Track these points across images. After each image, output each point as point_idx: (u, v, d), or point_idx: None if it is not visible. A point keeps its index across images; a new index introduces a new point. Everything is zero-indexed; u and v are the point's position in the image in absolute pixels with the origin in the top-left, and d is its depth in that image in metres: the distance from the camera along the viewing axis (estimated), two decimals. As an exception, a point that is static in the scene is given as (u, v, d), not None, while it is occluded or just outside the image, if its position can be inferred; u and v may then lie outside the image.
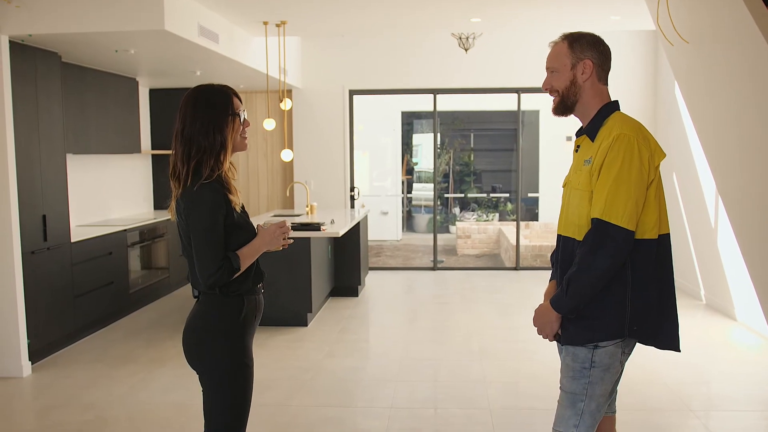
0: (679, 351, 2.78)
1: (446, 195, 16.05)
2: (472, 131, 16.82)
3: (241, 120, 3.00)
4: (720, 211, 7.90)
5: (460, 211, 15.77)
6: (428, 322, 7.69)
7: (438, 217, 15.46)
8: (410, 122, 16.55)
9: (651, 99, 10.20)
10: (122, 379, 5.79)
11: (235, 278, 2.91)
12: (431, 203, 12.26)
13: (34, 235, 6.09)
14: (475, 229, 13.30)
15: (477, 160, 16.69)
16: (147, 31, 5.75)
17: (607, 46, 2.85)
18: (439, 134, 15.62)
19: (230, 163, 3.05)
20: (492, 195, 15.75)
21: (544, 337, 2.85)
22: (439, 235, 11.38)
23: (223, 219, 2.87)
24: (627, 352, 2.76)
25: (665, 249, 2.73)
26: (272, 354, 6.43)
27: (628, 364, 2.88)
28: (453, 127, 16.39)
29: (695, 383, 5.64)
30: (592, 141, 2.76)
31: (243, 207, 3.08)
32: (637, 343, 2.79)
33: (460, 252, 13.16)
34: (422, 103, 14.36)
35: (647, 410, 5.04)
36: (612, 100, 2.84)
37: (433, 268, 10.94)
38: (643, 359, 5.95)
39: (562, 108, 2.85)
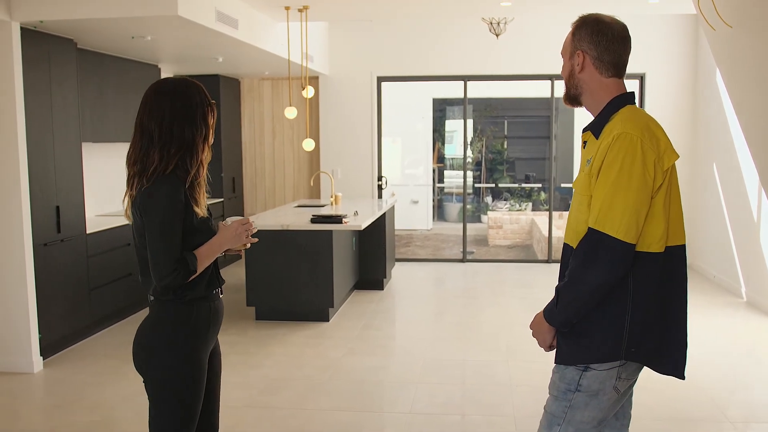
0: (683, 378, 2.50)
1: (476, 185, 15.71)
2: (506, 118, 16.45)
3: (214, 114, 2.81)
4: (763, 204, 7.53)
5: (492, 200, 15.44)
6: (454, 318, 7.43)
7: (469, 206, 15.18)
8: (443, 109, 16.22)
9: (691, 87, 9.80)
10: (135, 376, 5.56)
11: (188, 282, 2.69)
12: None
13: (47, 227, 5.93)
14: (507, 219, 12.99)
15: (510, 148, 16.33)
16: (160, 16, 5.54)
17: (614, 35, 2.47)
18: (471, 121, 15.34)
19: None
20: (524, 184, 15.38)
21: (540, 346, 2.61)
22: (470, 225, 11.10)
23: (181, 218, 2.66)
24: (625, 377, 2.46)
25: (675, 263, 2.42)
26: (290, 351, 6.22)
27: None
28: (485, 114, 16.04)
29: (733, 389, 5.31)
30: (597, 138, 2.45)
31: (208, 211, 2.88)
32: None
33: (491, 242, 12.87)
34: (454, 90, 14.05)
35: (680, 419, 4.74)
36: (625, 92, 2.50)
37: (462, 260, 10.66)
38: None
39: (568, 99, 2.58)
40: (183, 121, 2.68)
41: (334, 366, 5.83)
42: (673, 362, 2.47)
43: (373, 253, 8.56)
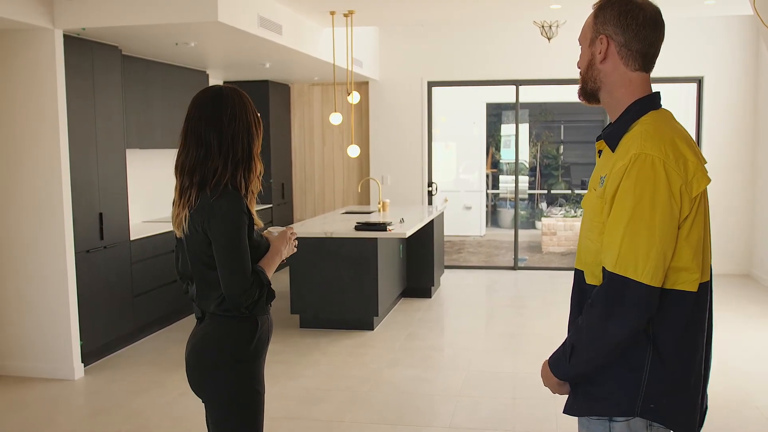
0: None
1: (528, 191, 15.44)
2: (562, 123, 16.17)
3: (261, 127, 2.76)
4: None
5: (547, 206, 15.17)
6: (502, 328, 7.25)
7: (523, 212, 14.93)
8: (498, 113, 16.00)
9: (752, 90, 9.43)
10: (173, 384, 5.58)
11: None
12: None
13: (89, 234, 5.95)
14: (561, 226, 12.71)
15: (566, 153, 16.03)
16: (201, 23, 5.51)
17: (645, 18, 2.01)
18: (527, 126, 15.10)
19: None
20: (578, 191, 15.07)
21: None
22: (524, 231, 10.87)
23: (246, 232, 2.59)
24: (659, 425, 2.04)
25: (704, 302, 2.02)
26: (332, 361, 6.13)
27: (714, 382, 2.23)
28: (540, 119, 15.77)
29: (793, 409, 5.05)
30: (613, 151, 2.03)
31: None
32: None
33: (545, 249, 12.61)
34: (507, 95, 13.88)
35: (735, 441, 4.51)
36: (651, 92, 2.06)
37: (514, 268, 10.45)
38: (732, 377, 5.40)
39: (585, 94, 2.15)
40: (242, 131, 2.61)
41: (375, 377, 5.72)
42: (693, 420, 2.05)
43: (421, 261, 8.43)
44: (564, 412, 2.16)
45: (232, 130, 2.59)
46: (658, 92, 2.08)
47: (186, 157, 2.61)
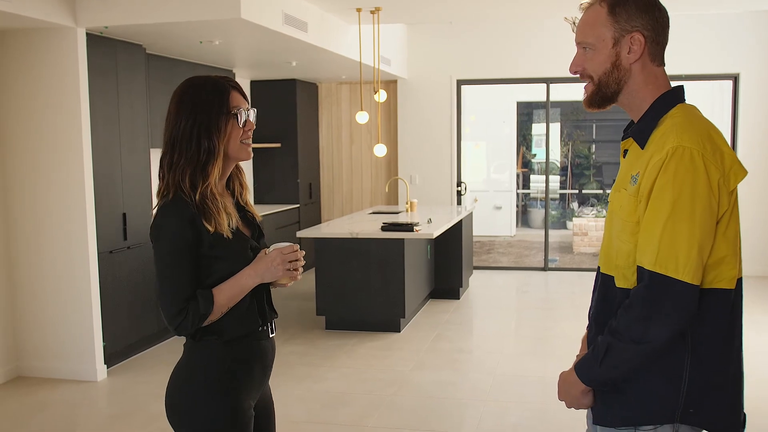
0: None
1: (560, 191, 15.23)
2: (594, 122, 15.93)
3: (241, 121, 2.28)
4: None
5: (579, 206, 14.96)
6: (530, 331, 7.11)
7: (555, 212, 14.73)
8: (529, 112, 15.81)
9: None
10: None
11: (219, 320, 2.24)
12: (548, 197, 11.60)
13: (113, 235, 5.90)
14: (592, 226, 12.50)
15: (599, 152, 15.79)
16: (224, 20, 5.43)
17: (664, 10, 1.95)
18: (558, 125, 14.90)
19: (238, 175, 2.43)
20: (609, 191, 14.85)
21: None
22: (555, 231, 10.69)
23: (192, 248, 2.21)
24: None
25: (740, 299, 1.92)
26: (356, 364, 6.02)
27: (752, 380, 2.10)
28: (572, 118, 15.54)
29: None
30: (642, 148, 1.93)
31: (257, 224, 2.45)
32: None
33: (576, 250, 12.42)
34: (539, 93, 13.71)
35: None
36: (673, 86, 1.97)
37: (544, 269, 10.28)
38: (752, 382, 5.23)
39: (599, 100, 2.01)
40: (192, 130, 2.23)
41: (400, 380, 5.60)
42: (734, 419, 1.94)
43: (449, 262, 8.30)
44: (594, 423, 2.02)
45: (180, 127, 2.23)
46: (682, 86, 1.99)
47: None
